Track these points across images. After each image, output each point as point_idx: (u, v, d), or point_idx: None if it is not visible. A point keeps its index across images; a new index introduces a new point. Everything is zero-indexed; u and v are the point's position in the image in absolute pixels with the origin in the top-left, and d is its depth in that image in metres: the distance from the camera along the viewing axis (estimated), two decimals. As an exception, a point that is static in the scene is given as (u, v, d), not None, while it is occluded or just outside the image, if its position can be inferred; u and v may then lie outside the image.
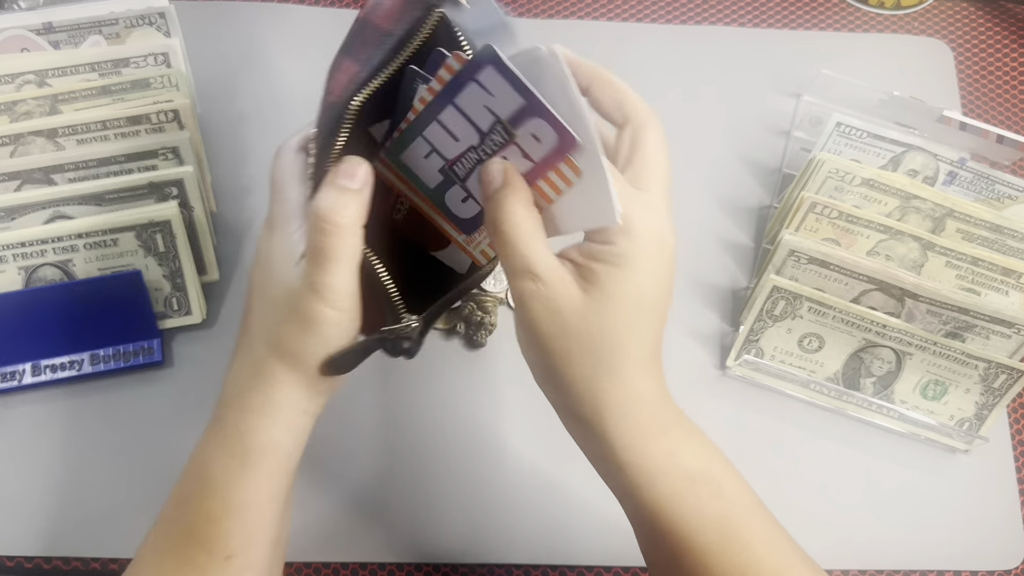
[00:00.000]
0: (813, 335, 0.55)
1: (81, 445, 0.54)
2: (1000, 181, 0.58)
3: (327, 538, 0.52)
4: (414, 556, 0.52)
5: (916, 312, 0.54)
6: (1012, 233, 0.56)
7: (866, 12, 0.70)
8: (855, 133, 0.58)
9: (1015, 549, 0.54)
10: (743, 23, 0.69)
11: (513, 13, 0.69)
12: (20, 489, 0.52)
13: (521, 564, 0.52)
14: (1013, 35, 0.70)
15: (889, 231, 0.54)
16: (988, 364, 0.53)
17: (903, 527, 0.54)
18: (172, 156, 0.56)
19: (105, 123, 0.56)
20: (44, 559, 0.51)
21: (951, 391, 0.55)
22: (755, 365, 0.56)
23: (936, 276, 0.55)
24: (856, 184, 0.56)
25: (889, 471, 0.55)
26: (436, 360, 0.57)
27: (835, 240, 0.56)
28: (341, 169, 0.37)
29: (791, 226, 0.55)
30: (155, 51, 0.59)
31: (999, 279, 0.55)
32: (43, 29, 0.59)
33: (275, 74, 0.65)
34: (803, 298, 0.53)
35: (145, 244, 0.55)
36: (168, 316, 0.56)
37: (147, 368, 0.55)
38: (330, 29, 0.67)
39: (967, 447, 0.56)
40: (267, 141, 0.62)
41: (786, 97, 0.66)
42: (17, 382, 0.54)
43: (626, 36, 0.68)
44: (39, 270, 0.54)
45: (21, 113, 0.57)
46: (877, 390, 0.56)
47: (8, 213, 0.54)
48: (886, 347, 0.54)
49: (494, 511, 0.53)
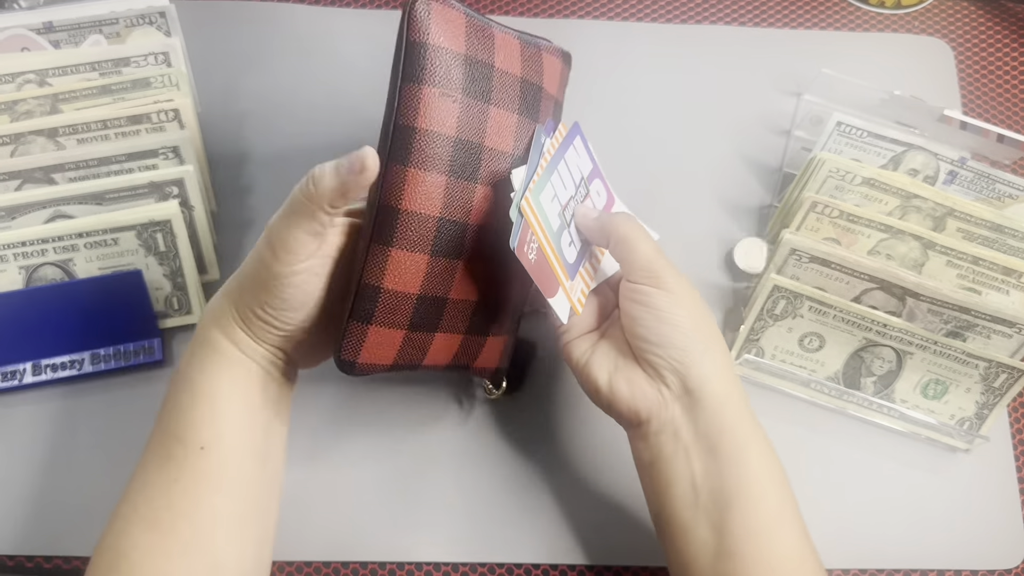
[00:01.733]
0: (814, 334, 0.55)
1: (82, 444, 0.54)
2: (1000, 180, 0.58)
3: (327, 537, 0.52)
4: (414, 556, 0.52)
5: (917, 311, 0.54)
6: (1013, 232, 0.56)
7: (867, 11, 0.70)
8: (855, 132, 0.58)
9: (1015, 548, 0.54)
10: (743, 22, 0.69)
11: (514, 13, 0.69)
12: (21, 488, 0.52)
13: (521, 563, 0.52)
14: (1013, 34, 0.70)
15: (890, 230, 0.54)
16: (989, 363, 0.53)
17: (903, 526, 0.54)
18: (172, 155, 0.57)
19: (106, 122, 0.56)
20: (44, 558, 0.51)
21: (952, 390, 0.55)
22: (755, 364, 0.56)
23: (937, 275, 0.55)
24: (857, 183, 0.56)
25: (889, 470, 0.55)
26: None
27: (836, 239, 0.56)
28: (354, 155, 0.40)
29: (792, 225, 0.55)
30: (155, 50, 0.59)
31: (1000, 278, 0.55)
32: (43, 28, 0.59)
33: (275, 74, 0.65)
34: (804, 297, 0.53)
35: (146, 243, 0.55)
36: (168, 315, 0.56)
37: (148, 367, 0.55)
38: (330, 29, 0.67)
39: (967, 446, 0.56)
40: (267, 141, 0.63)
41: (786, 96, 0.66)
42: (18, 381, 0.54)
43: (626, 36, 0.68)
44: (40, 269, 0.54)
45: (22, 112, 0.57)
46: (878, 389, 0.55)
47: (9, 212, 0.54)
48: (887, 346, 0.54)
49: (494, 510, 0.53)
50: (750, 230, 0.61)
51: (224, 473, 0.43)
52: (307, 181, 0.41)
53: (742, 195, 0.63)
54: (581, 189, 0.48)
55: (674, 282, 0.44)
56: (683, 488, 0.43)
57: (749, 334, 0.55)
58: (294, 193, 0.42)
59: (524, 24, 0.68)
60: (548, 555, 0.52)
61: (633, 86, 0.66)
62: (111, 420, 0.54)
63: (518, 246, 0.42)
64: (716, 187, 0.63)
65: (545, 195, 0.45)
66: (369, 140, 0.63)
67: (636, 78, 0.67)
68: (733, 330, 0.58)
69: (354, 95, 0.64)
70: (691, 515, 0.42)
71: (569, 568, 0.52)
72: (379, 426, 0.55)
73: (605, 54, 0.67)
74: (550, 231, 0.45)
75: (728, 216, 0.62)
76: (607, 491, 0.54)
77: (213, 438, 0.42)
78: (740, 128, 0.65)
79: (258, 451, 0.44)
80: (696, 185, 0.63)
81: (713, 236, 0.61)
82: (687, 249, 0.60)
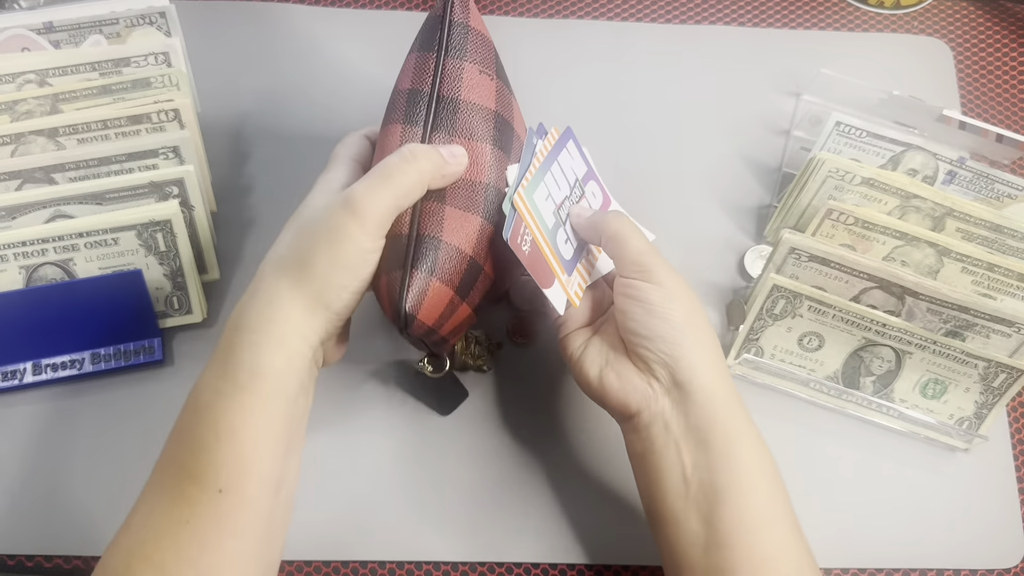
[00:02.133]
0: (813, 334, 0.55)
1: (82, 444, 0.54)
2: (999, 180, 0.58)
3: (327, 537, 0.52)
4: (414, 555, 0.52)
5: (916, 310, 0.54)
6: (1012, 232, 0.56)
7: (866, 11, 0.70)
8: (855, 132, 0.58)
9: (1015, 547, 0.54)
10: (743, 23, 0.69)
11: (514, 13, 0.69)
12: (21, 488, 0.52)
13: (521, 563, 0.52)
14: (1012, 34, 0.70)
15: (905, 237, 0.54)
16: (988, 363, 0.53)
17: (902, 526, 0.54)
18: (173, 155, 0.57)
19: (106, 122, 0.56)
20: (45, 557, 0.51)
21: (951, 390, 0.55)
22: (754, 364, 0.56)
23: (952, 282, 0.55)
24: (856, 183, 0.56)
25: (889, 470, 0.56)
26: (436, 359, 0.57)
27: (851, 246, 0.56)
28: (452, 146, 0.43)
29: (808, 231, 0.55)
30: (156, 50, 0.59)
31: (1015, 284, 0.55)
32: (44, 28, 0.59)
33: (275, 74, 0.65)
34: (803, 297, 0.53)
35: (146, 243, 0.55)
36: (169, 315, 0.56)
37: (148, 367, 0.55)
38: (330, 29, 0.67)
39: (966, 446, 0.56)
40: (267, 141, 0.63)
41: (786, 96, 0.66)
42: (18, 381, 0.54)
43: (626, 36, 0.68)
44: (40, 269, 0.54)
45: (22, 112, 0.57)
46: (877, 389, 0.56)
47: (9, 212, 0.54)
48: (886, 346, 0.54)
49: (494, 509, 0.53)
50: (749, 230, 0.62)
51: (239, 515, 0.39)
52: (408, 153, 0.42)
53: (741, 195, 0.63)
54: (576, 190, 0.49)
55: (665, 277, 0.44)
56: (674, 480, 0.43)
57: (748, 333, 0.55)
58: (391, 163, 0.42)
59: (524, 24, 0.68)
60: (548, 554, 0.52)
61: (633, 86, 0.66)
62: (111, 420, 0.54)
63: (511, 237, 0.43)
64: (715, 187, 0.63)
65: (539, 194, 0.46)
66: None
67: (635, 78, 0.67)
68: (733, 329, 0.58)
69: (354, 95, 0.64)
70: (682, 507, 0.42)
71: (569, 567, 0.52)
72: (378, 426, 0.55)
73: (605, 54, 0.67)
74: (545, 228, 0.46)
75: (727, 216, 0.62)
76: (608, 491, 0.54)
77: (233, 480, 0.39)
78: (739, 128, 0.65)
79: (275, 480, 0.41)
80: (695, 185, 0.63)
81: (713, 236, 0.61)
82: (686, 249, 0.61)
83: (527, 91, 0.65)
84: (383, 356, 0.56)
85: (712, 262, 0.61)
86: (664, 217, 0.61)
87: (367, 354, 0.56)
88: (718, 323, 0.59)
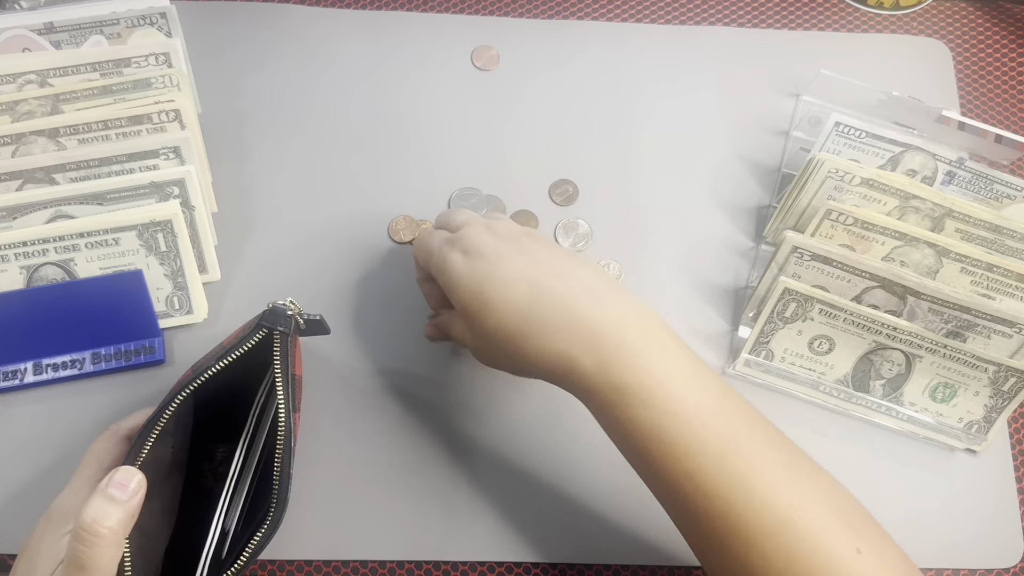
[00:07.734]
0: (823, 337, 0.55)
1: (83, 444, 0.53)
2: (999, 181, 0.58)
3: (327, 537, 0.52)
4: (414, 555, 0.52)
5: (918, 310, 0.54)
6: (1011, 233, 0.56)
7: (865, 12, 0.71)
8: (854, 133, 0.58)
9: (1014, 547, 0.54)
10: (742, 23, 0.70)
11: (514, 14, 0.69)
12: (22, 487, 0.52)
13: (521, 562, 0.52)
14: (1012, 35, 0.71)
15: (904, 237, 0.55)
16: (998, 367, 0.53)
17: (902, 525, 0.54)
18: (173, 156, 0.57)
19: (106, 123, 0.56)
20: (45, 558, 0.51)
21: (960, 394, 0.55)
22: (764, 367, 0.56)
23: (951, 282, 0.55)
24: (855, 184, 0.56)
25: (888, 469, 0.56)
26: (438, 363, 0.57)
27: (850, 246, 0.56)
28: (115, 478, 0.39)
29: (807, 232, 0.55)
30: (156, 51, 0.59)
31: (1014, 284, 0.55)
32: (44, 29, 0.59)
33: (275, 74, 0.65)
34: (814, 300, 0.53)
35: (146, 243, 0.55)
36: (169, 315, 0.56)
37: (148, 367, 0.55)
38: (330, 29, 0.67)
39: (978, 448, 0.56)
40: (267, 141, 0.63)
41: (785, 97, 0.66)
42: (19, 381, 0.54)
43: (626, 36, 0.68)
44: (41, 269, 0.54)
45: (23, 113, 0.57)
46: (886, 392, 0.55)
47: (9, 212, 0.54)
48: (896, 349, 0.54)
49: (494, 509, 0.53)
50: (749, 231, 0.62)
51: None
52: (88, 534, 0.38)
53: (741, 196, 0.63)
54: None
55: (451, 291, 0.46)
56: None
57: (759, 337, 0.55)
58: (77, 550, 0.38)
59: (524, 24, 0.68)
60: (548, 554, 0.52)
61: (632, 86, 0.66)
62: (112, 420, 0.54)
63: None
64: (715, 188, 0.63)
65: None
66: (370, 139, 0.64)
67: (635, 79, 0.67)
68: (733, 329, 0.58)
69: (354, 95, 0.64)
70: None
71: (569, 567, 0.52)
72: (378, 426, 0.55)
73: (604, 55, 0.67)
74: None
75: (727, 217, 0.62)
76: (608, 490, 0.54)
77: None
78: (739, 129, 0.65)
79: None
80: (695, 186, 0.63)
81: (712, 236, 0.61)
82: (685, 249, 0.61)
83: (527, 91, 0.66)
84: (383, 356, 0.57)
85: (712, 262, 0.61)
86: (663, 217, 0.61)
87: (366, 354, 0.56)
88: (718, 323, 0.59)
